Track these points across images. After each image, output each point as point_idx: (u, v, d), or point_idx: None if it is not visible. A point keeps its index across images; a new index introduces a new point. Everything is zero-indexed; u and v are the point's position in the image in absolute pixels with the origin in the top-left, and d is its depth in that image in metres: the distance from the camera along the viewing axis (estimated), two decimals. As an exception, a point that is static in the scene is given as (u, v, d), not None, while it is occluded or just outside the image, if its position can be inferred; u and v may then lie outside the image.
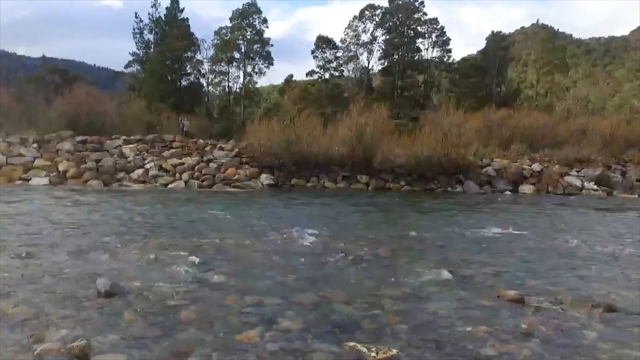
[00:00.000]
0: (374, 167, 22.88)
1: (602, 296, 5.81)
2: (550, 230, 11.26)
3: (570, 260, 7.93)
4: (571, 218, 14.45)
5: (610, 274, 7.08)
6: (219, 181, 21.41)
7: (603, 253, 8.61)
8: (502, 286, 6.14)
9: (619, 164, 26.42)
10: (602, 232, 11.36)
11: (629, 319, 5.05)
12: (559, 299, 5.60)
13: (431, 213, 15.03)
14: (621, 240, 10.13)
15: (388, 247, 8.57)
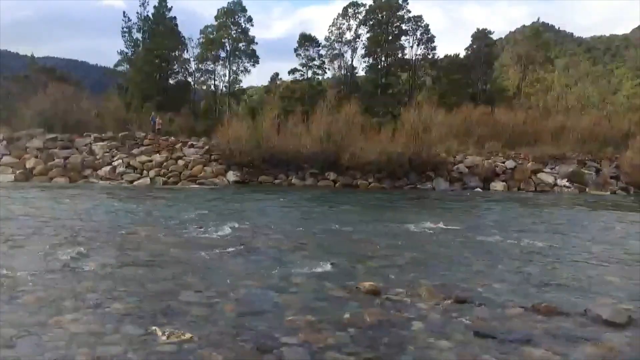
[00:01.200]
0: (343, 164, 22.80)
1: (467, 289, 5.76)
2: (481, 226, 11.19)
3: (471, 255, 7.85)
4: (516, 215, 14.35)
5: (495, 267, 7.01)
6: (184, 178, 21.45)
7: (512, 247, 8.54)
8: (376, 279, 6.09)
9: (594, 161, 26.22)
10: (534, 228, 11.26)
11: (470, 309, 4.99)
12: (417, 291, 5.54)
13: (377, 208, 14.99)
14: (542, 235, 10.06)
15: (292, 240, 8.57)
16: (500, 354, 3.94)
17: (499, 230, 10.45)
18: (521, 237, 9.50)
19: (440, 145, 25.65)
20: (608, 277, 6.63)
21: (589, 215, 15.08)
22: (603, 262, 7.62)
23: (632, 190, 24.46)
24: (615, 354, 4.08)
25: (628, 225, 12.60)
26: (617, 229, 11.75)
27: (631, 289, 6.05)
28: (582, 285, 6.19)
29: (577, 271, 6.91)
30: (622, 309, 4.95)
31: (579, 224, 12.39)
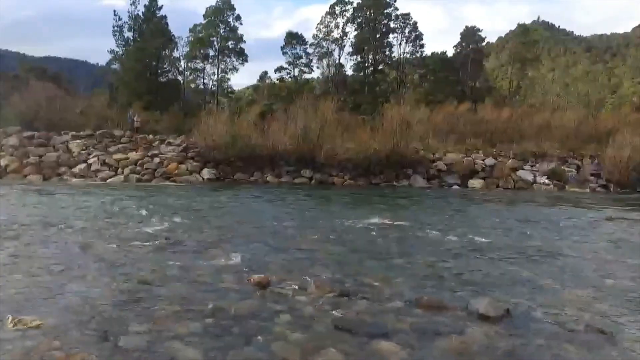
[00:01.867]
0: (318, 161, 22.73)
1: (363, 283, 5.71)
2: (429, 222, 11.02)
3: (395, 250, 7.77)
4: (477, 212, 14.23)
5: (410, 262, 6.93)
6: (158, 175, 21.44)
7: (446, 243, 8.44)
8: (277, 272, 6.04)
9: (575, 158, 26.05)
10: (484, 224, 11.14)
11: (349, 303, 4.93)
12: (307, 284, 5.47)
13: (336, 204, 14.89)
14: (489, 231, 9.96)
15: (221, 234, 8.57)
16: (349, 347, 3.88)
17: (446, 227, 10.33)
18: (465, 233, 9.37)
19: (421, 142, 25.59)
20: (524, 272, 6.52)
21: (554, 211, 14.92)
22: (531, 257, 7.52)
23: (612, 188, 24.26)
24: (470, 347, 4.01)
25: (587, 221, 12.49)
26: (574, 225, 11.61)
27: (533, 283, 5.95)
28: (487, 280, 6.10)
29: (494, 267, 6.80)
30: (500, 302, 4.86)
31: (535, 220, 12.23)
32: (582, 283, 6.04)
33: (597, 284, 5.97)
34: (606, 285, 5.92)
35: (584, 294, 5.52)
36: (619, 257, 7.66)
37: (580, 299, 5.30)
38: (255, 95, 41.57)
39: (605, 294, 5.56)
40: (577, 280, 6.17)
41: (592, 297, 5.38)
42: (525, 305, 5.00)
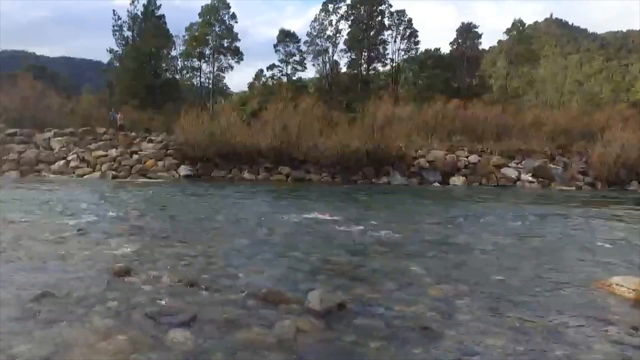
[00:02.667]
0: (297, 158, 22.62)
1: (227, 274, 5.57)
2: (365, 218, 10.80)
3: (296, 244, 7.58)
4: (426, 208, 13.90)
5: (298, 256, 6.74)
6: (135, 172, 21.51)
7: (357, 237, 8.28)
8: (152, 264, 5.93)
9: (564, 156, 25.51)
10: (423, 220, 10.93)
11: (189, 293, 4.80)
12: (165, 275, 5.37)
13: (286, 200, 14.74)
14: (418, 227, 9.76)
15: (135, 226, 8.54)
16: (141, 334, 3.76)
17: (377, 222, 10.09)
18: (391, 229, 9.08)
19: (405, 139, 25.34)
20: (411, 267, 6.27)
21: (509, 208, 14.56)
22: (433, 254, 7.27)
23: (600, 186, 23.72)
24: (266, 339, 3.82)
25: (548, 218, 12.16)
26: (515, 221, 11.27)
27: (407, 278, 5.74)
28: (360, 274, 5.88)
29: (382, 262, 6.54)
30: (334, 296, 4.65)
31: (476, 216, 11.87)
32: (460, 279, 5.81)
33: (475, 281, 5.74)
34: (480, 283, 5.66)
35: (449, 289, 5.29)
36: (529, 254, 7.40)
37: (439, 296, 5.07)
38: (249, 93, 41.54)
39: (471, 290, 5.33)
40: (458, 276, 5.93)
41: (453, 295, 5.15)
42: (374, 300, 4.80)
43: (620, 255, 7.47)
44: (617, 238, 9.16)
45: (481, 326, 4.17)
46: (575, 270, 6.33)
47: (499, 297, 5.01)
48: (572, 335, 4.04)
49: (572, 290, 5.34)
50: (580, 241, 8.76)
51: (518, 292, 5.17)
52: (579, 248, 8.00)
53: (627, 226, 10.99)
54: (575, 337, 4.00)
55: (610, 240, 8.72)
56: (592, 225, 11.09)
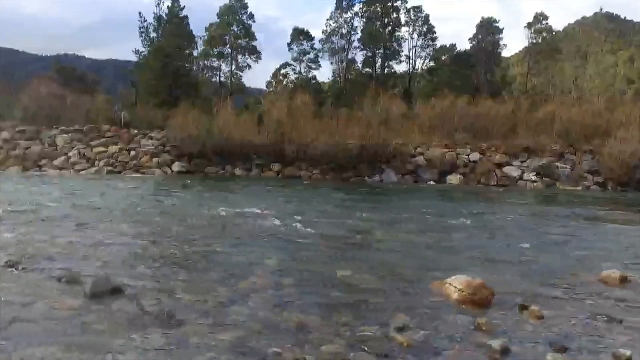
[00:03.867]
0: (288, 155, 22.53)
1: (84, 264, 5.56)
2: (298, 213, 10.54)
3: (194, 235, 7.55)
4: (387, 206, 13.49)
5: (182, 246, 6.71)
6: (129, 168, 22.04)
7: (268, 230, 8.15)
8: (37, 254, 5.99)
9: (574, 154, 24.15)
10: (360, 217, 10.59)
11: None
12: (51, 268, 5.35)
13: (247, 196, 14.61)
14: (340, 222, 9.47)
15: (71, 216, 8.84)
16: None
17: (308, 217, 9.90)
18: (311, 224, 8.94)
19: (405, 137, 24.80)
20: (266, 260, 6.08)
21: (482, 206, 13.95)
22: (320, 246, 7.08)
23: (610, 186, 22.31)
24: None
25: (515, 216, 11.58)
26: (481, 219, 10.74)
27: (238, 268, 5.56)
28: (205, 264, 5.83)
29: (250, 252, 6.44)
30: (108, 282, 4.52)
31: (428, 214, 11.42)
32: (301, 270, 5.57)
33: (316, 273, 5.48)
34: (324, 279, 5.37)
35: (268, 281, 5.06)
36: (407, 250, 7.07)
37: (246, 287, 4.86)
38: (266, 91, 41.80)
39: (282, 278, 5.10)
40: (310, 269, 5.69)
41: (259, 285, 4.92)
42: (168, 288, 4.64)
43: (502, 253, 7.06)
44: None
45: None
46: (431, 268, 5.95)
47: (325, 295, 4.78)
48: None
49: (414, 290, 5.01)
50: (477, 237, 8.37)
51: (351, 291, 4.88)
52: (460, 244, 7.63)
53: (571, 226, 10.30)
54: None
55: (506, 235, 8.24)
56: (520, 221, 10.50)
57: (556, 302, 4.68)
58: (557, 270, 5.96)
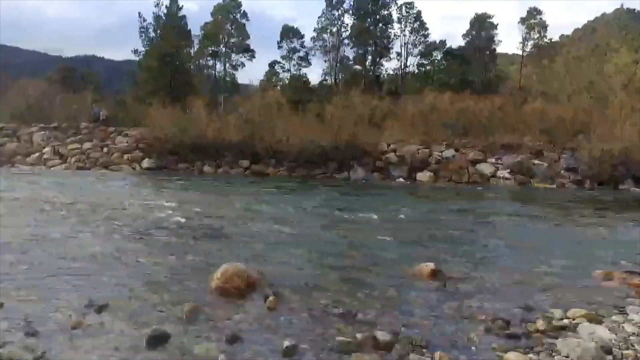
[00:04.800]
0: (258, 152, 22.42)
1: None
2: (220, 207, 10.45)
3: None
4: (314, 202, 13.20)
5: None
6: (99, 164, 22.21)
7: (172, 224, 8.06)
8: None
9: (554, 151, 23.40)
10: (268, 212, 10.39)
11: None
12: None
13: (191, 192, 14.50)
14: (251, 217, 9.34)
15: None
16: None
17: (208, 209, 9.80)
18: (223, 218, 8.92)
19: (380, 133, 24.49)
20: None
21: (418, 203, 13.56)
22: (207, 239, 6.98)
23: (587, 184, 21.53)
24: None
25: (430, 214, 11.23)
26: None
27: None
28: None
29: (131, 245, 6.36)
30: None
31: (342, 209, 11.13)
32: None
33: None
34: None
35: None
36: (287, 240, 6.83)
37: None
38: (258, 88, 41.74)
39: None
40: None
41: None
42: None
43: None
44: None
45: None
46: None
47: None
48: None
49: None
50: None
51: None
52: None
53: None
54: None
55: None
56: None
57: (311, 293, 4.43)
58: (379, 264, 5.68)
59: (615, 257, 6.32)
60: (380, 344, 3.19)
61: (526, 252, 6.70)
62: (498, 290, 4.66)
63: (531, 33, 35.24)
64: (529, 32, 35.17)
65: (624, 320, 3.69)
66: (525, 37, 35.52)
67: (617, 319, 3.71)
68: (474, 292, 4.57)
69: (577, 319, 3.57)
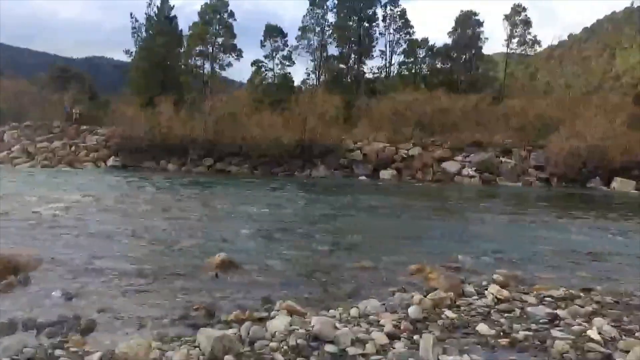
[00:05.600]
0: (221, 150, 22.43)
1: None
2: (119, 202, 10.42)
3: None
4: (238, 199, 13.14)
5: None
6: (64, 162, 22.37)
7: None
8: None
9: (524, 149, 23.02)
10: (187, 207, 10.33)
11: None
12: None
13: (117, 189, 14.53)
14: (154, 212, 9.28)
15: None
16: None
17: (128, 207, 9.78)
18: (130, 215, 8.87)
19: (348, 132, 24.37)
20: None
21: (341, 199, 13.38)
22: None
23: (555, 182, 21.15)
24: None
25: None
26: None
27: None
28: None
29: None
30: None
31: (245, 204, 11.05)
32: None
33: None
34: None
35: None
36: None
37: None
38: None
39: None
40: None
41: None
42: None
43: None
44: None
45: None
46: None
47: None
48: None
49: None
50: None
51: None
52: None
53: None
54: None
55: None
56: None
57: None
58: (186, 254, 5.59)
59: (465, 251, 6.12)
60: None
61: (370, 245, 6.53)
62: (264, 282, 4.54)
63: (515, 30, 34.64)
64: (513, 29, 34.60)
65: (344, 312, 3.56)
66: (509, 35, 34.98)
67: (335, 312, 3.57)
68: (239, 282, 4.46)
69: (281, 311, 3.43)
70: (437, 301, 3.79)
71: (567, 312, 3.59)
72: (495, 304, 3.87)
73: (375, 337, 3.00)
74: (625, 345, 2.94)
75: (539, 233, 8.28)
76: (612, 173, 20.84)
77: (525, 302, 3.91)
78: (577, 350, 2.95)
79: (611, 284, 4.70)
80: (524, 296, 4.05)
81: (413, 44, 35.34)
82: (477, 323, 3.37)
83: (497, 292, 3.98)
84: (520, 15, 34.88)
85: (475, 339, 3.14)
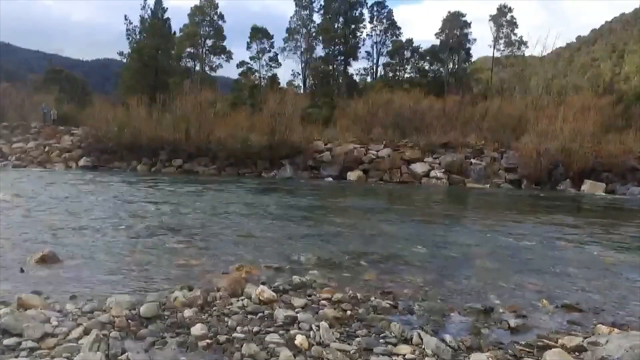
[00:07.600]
0: (188, 150, 22.50)
1: None
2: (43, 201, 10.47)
3: None
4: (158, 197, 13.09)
5: None
6: (35, 162, 22.60)
7: None
8: None
9: (495, 151, 22.76)
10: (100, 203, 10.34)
11: None
12: None
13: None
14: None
15: None
16: None
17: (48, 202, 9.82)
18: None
19: (318, 133, 24.38)
20: None
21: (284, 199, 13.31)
22: None
23: (524, 184, 20.87)
24: None
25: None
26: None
27: None
28: None
29: None
30: None
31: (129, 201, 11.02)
32: None
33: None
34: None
35: None
36: None
37: None
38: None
39: None
40: None
41: None
42: None
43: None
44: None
45: None
46: None
47: None
48: None
49: None
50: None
51: None
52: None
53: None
54: None
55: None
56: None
57: None
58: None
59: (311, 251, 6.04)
60: None
61: (217, 245, 6.45)
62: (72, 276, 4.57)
63: (501, 31, 34.40)
64: (499, 30, 34.36)
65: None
66: (495, 36, 34.74)
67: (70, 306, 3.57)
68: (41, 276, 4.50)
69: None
70: (191, 300, 3.76)
71: (306, 316, 3.53)
72: (258, 304, 3.82)
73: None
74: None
75: (437, 233, 8.15)
76: (583, 175, 20.57)
77: (290, 305, 3.84)
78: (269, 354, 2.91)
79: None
80: (294, 299, 3.97)
81: (397, 45, 35.20)
82: (196, 324, 3.31)
83: (260, 294, 3.92)
84: (506, 16, 34.61)
85: (182, 339, 3.10)
